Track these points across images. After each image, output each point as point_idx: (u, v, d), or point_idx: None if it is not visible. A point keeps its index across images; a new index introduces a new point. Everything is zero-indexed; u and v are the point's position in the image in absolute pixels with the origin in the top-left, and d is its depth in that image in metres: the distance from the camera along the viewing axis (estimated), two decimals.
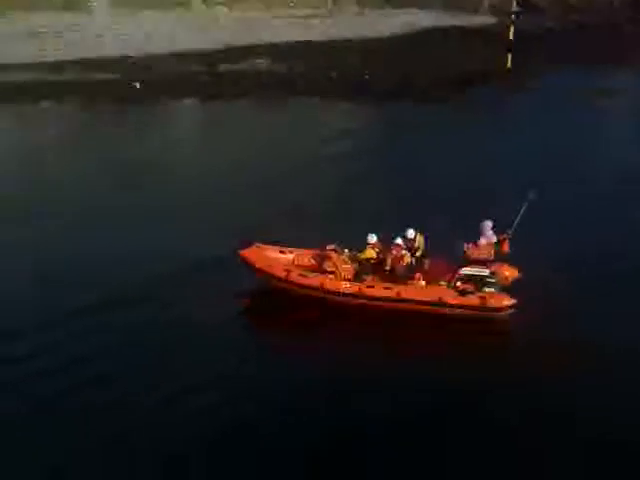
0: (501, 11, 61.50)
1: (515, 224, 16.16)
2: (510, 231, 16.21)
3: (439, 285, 16.30)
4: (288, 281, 16.61)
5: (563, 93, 38.79)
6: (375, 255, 17.00)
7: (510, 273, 16.19)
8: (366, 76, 42.33)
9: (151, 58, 46.48)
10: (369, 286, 16.36)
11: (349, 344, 15.16)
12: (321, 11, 75.12)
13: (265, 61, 47.22)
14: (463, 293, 15.95)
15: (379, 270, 16.85)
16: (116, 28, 58.34)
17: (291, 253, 17.67)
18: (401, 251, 16.72)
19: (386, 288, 16.21)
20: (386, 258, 16.85)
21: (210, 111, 37.73)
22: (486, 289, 15.98)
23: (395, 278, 16.49)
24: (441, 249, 16.68)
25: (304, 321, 16.03)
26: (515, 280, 16.16)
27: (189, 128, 35.93)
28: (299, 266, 17.20)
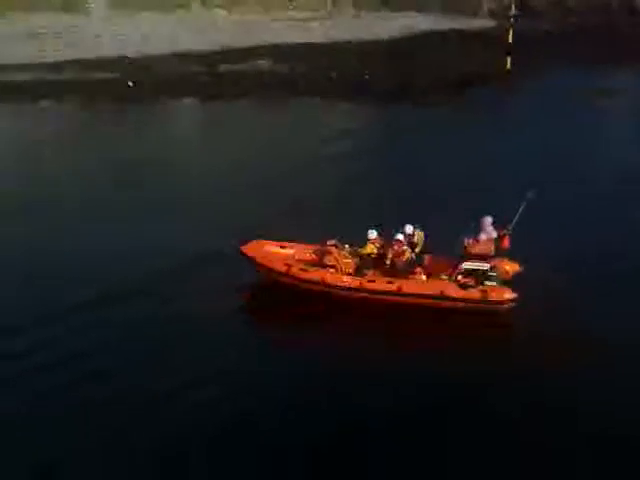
0: (500, 14, 61.72)
1: (514, 221, 16.19)
2: (510, 227, 16.23)
3: (440, 279, 16.31)
4: (289, 275, 16.60)
5: (562, 94, 38.83)
6: (376, 250, 17.01)
7: (510, 267, 16.26)
8: (366, 77, 42.34)
9: (149, 59, 46.53)
10: (370, 280, 16.35)
11: (351, 338, 15.14)
12: (320, 14, 75.22)
13: (265, 62, 47.24)
14: (464, 287, 15.96)
15: (380, 265, 16.86)
16: (114, 29, 58.40)
17: (292, 248, 17.67)
18: (402, 246, 16.73)
19: (387, 282, 16.21)
20: (386, 253, 16.85)
21: (210, 111, 37.76)
22: (487, 283, 15.99)
23: (396, 273, 16.48)
24: (441, 245, 16.70)
25: (305, 315, 15.99)
26: (516, 275, 16.20)
27: (189, 127, 35.96)
28: (300, 261, 17.19)
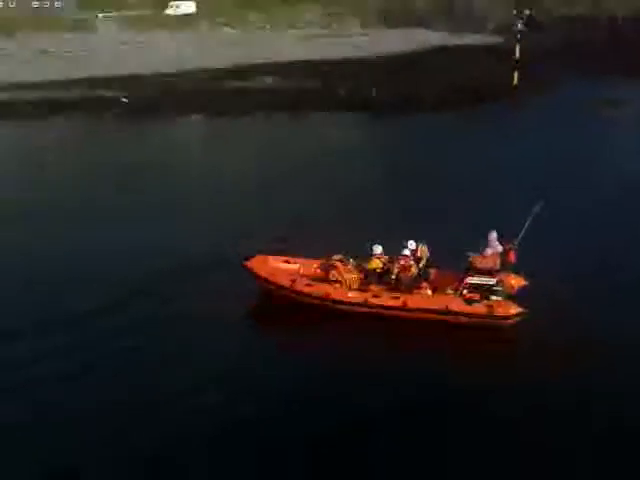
0: (506, 30, 62.02)
1: (521, 236, 16.14)
2: (516, 242, 16.17)
3: (446, 294, 16.25)
4: (293, 290, 16.57)
5: (569, 107, 38.94)
6: (381, 265, 16.98)
7: (516, 282, 16.13)
8: (374, 94, 42.50)
9: (157, 76, 46.99)
10: (375, 295, 16.30)
11: (353, 350, 15.01)
12: (326, 31, 75.99)
13: (273, 79, 47.64)
14: (470, 302, 15.87)
15: (385, 280, 16.81)
16: (123, 49, 59.11)
17: (296, 263, 17.64)
18: (409, 261, 16.70)
19: (393, 297, 16.15)
20: (391, 268, 16.82)
21: (217, 126, 38.09)
22: (493, 297, 15.91)
23: (401, 288, 16.43)
24: (447, 259, 16.67)
25: (308, 325, 16.04)
26: (521, 289, 16.08)
27: (196, 142, 36.22)
28: (305, 276, 17.16)
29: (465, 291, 16.06)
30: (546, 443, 12.20)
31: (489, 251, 16.27)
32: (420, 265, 16.93)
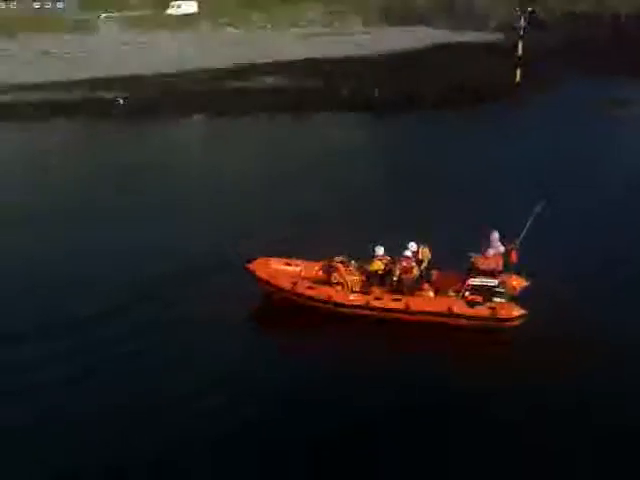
0: (508, 28, 61.87)
1: (522, 236, 16.07)
2: (517, 241, 16.10)
3: (448, 296, 16.19)
4: (295, 293, 16.53)
5: (572, 105, 38.81)
6: (383, 267, 16.93)
7: (518, 283, 16.06)
8: (376, 92, 42.40)
9: (158, 76, 46.95)
10: (377, 298, 16.25)
11: (356, 354, 14.98)
12: (328, 29, 75.93)
13: (275, 77, 47.56)
14: (472, 304, 15.80)
15: (386, 282, 16.76)
16: (125, 49, 59.10)
17: (298, 265, 17.60)
18: (411, 263, 16.65)
19: (395, 300, 16.09)
20: (393, 270, 16.77)
21: (219, 126, 38.02)
22: (495, 299, 15.84)
23: (403, 289, 16.38)
24: (449, 260, 16.61)
25: (309, 327, 16.04)
26: (524, 290, 16.01)
27: (198, 142, 36.18)
28: (306, 278, 17.12)
29: (467, 293, 15.99)
30: (549, 445, 12.22)
31: (491, 251, 16.19)
32: (422, 267, 16.89)
